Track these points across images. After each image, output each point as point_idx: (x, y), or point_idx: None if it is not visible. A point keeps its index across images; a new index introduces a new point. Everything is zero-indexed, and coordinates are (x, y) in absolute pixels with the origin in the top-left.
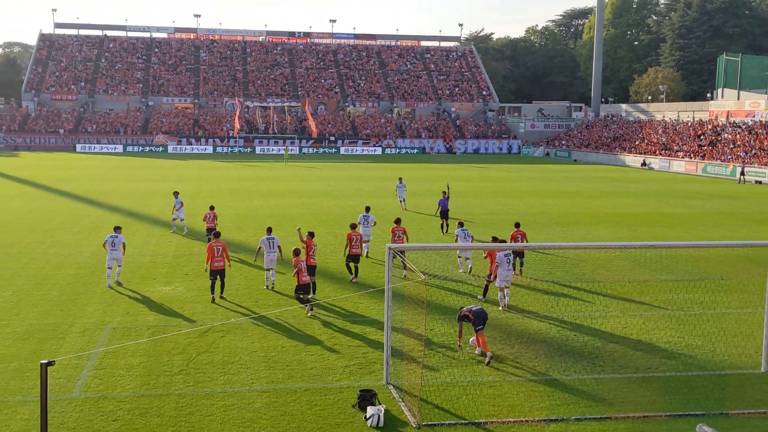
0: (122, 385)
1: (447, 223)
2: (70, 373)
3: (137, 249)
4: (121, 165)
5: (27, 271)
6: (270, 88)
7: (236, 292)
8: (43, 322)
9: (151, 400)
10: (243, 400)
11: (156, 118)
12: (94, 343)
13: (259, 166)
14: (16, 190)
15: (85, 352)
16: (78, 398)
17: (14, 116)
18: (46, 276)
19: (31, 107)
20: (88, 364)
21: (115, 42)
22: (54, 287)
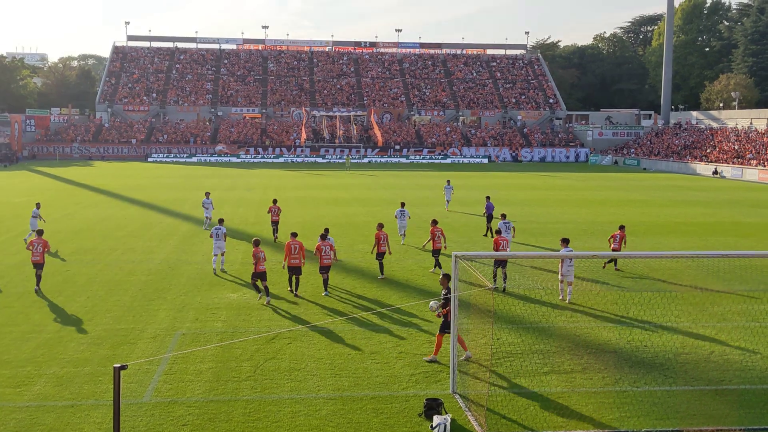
0: (192, 390)
1: (490, 227)
2: (141, 378)
3: (206, 256)
4: (191, 174)
5: (101, 278)
6: (336, 98)
7: (302, 300)
8: (116, 327)
9: (220, 405)
10: (309, 407)
11: (225, 128)
12: (164, 349)
13: (326, 175)
14: (90, 198)
15: (155, 357)
16: (149, 402)
17: (89, 127)
18: (118, 282)
19: (104, 118)
20: (158, 369)
21: (185, 54)
22: (126, 293)
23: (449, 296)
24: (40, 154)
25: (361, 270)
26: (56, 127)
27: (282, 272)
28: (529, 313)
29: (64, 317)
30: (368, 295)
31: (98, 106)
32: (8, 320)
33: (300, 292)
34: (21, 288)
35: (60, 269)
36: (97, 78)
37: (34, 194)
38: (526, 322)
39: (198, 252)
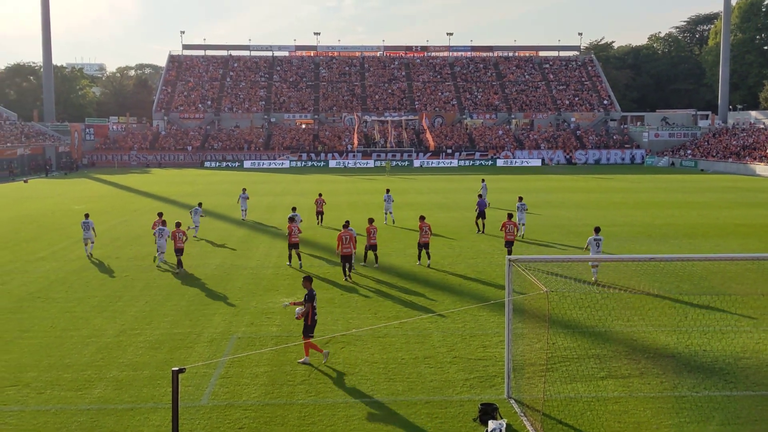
0: (247, 394)
1: (484, 222)
2: (198, 381)
3: (260, 261)
4: (245, 180)
5: (158, 283)
6: (387, 103)
7: (355, 304)
8: (173, 331)
9: (275, 409)
10: (364, 411)
11: (278, 134)
12: (220, 352)
13: (377, 180)
14: (147, 205)
15: (212, 360)
16: (206, 406)
17: (146, 135)
18: (175, 287)
19: (161, 126)
20: (215, 373)
21: (239, 61)
22: (183, 298)
23: (304, 299)
24: (99, 162)
25: (414, 274)
26: (114, 135)
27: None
28: (584, 318)
29: (124, 322)
30: (421, 299)
31: (155, 114)
32: (69, 325)
33: (350, 298)
34: (81, 293)
35: (119, 274)
36: (153, 87)
37: (94, 201)
38: (582, 327)
39: (252, 257)
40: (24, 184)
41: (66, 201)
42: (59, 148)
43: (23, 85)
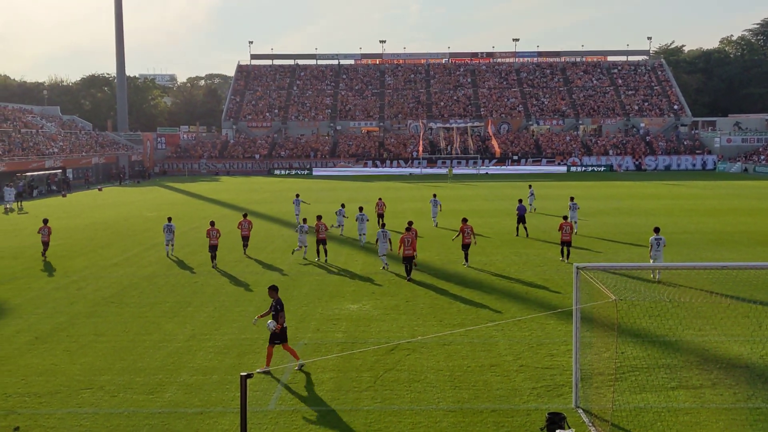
0: (314, 400)
1: (525, 227)
2: (266, 387)
3: (324, 270)
4: (311, 187)
5: (227, 289)
6: (453, 109)
7: (420, 311)
8: (241, 337)
9: (341, 414)
10: (430, 418)
11: (344, 141)
12: (287, 358)
13: (443, 187)
14: (217, 212)
15: (279, 366)
16: (273, 411)
17: (215, 143)
18: (243, 293)
19: (230, 135)
20: (282, 378)
21: (305, 70)
22: (251, 304)
23: (277, 308)
24: (170, 170)
25: (479, 282)
26: (185, 144)
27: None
28: (654, 327)
29: (193, 327)
30: (487, 307)
31: (224, 123)
32: (141, 329)
33: (416, 305)
34: (153, 298)
35: (189, 281)
36: (222, 96)
37: (165, 209)
38: (652, 336)
39: (317, 265)
40: (99, 192)
41: (139, 208)
42: (132, 157)
43: (98, 95)
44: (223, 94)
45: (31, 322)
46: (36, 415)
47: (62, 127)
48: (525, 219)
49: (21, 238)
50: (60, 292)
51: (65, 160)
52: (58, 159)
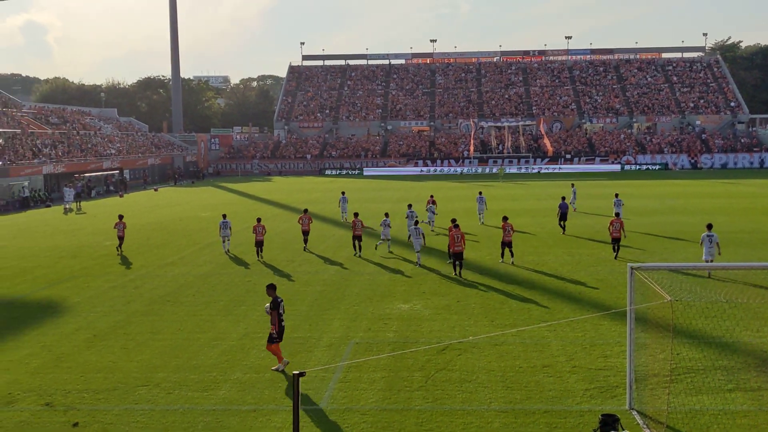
0: (365, 399)
1: (564, 224)
2: (318, 385)
3: (376, 267)
4: (362, 187)
5: (279, 288)
6: (504, 108)
7: (472, 311)
8: (294, 335)
9: (393, 414)
10: (481, 418)
11: (394, 141)
12: (339, 357)
13: (495, 186)
14: (269, 212)
15: (331, 365)
16: (325, 409)
17: (267, 144)
18: (296, 292)
19: (281, 135)
20: (334, 377)
21: (356, 70)
22: (303, 303)
23: (270, 306)
24: (223, 171)
25: (531, 281)
26: (238, 144)
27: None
28: (711, 328)
29: (247, 325)
30: (539, 307)
31: (276, 123)
32: (196, 328)
33: (467, 305)
34: (207, 297)
35: (242, 279)
36: (274, 97)
37: (218, 209)
38: (708, 337)
39: (369, 264)
40: (154, 193)
41: (193, 208)
42: (186, 158)
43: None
44: (275, 95)
45: (89, 320)
46: (94, 411)
47: (119, 128)
48: (566, 217)
49: (79, 238)
50: (117, 290)
51: (122, 161)
52: (116, 160)
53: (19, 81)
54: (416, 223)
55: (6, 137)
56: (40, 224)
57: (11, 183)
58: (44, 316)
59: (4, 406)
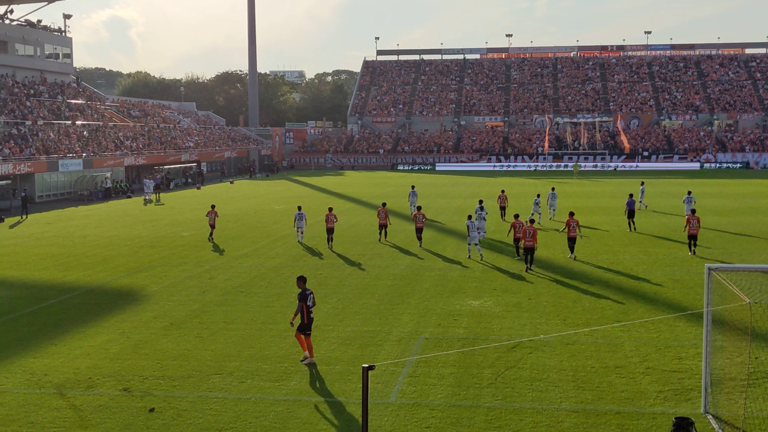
0: (434, 394)
1: (633, 221)
2: (387, 379)
3: (447, 263)
4: (433, 182)
5: (350, 281)
6: (580, 104)
7: (543, 309)
8: (363, 329)
9: (461, 410)
10: (551, 418)
11: (467, 136)
12: (408, 352)
13: (569, 183)
14: (341, 206)
15: (400, 359)
16: (394, 403)
17: (341, 138)
18: (366, 286)
19: (355, 129)
20: (403, 371)
21: (431, 65)
22: (373, 297)
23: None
24: (297, 165)
25: (605, 280)
26: (312, 139)
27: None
28: None
29: (317, 318)
30: (612, 307)
31: (349, 118)
32: (268, 319)
33: (539, 302)
34: (279, 289)
35: (314, 272)
36: (348, 92)
37: (292, 202)
38: None
39: (439, 259)
40: (230, 185)
41: (267, 201)
42: (262, 152)
43: (231, 92)
44: (349, 90)
45: (166, 308)
46: (169, 398)
47: (197, 122)
48: (634, 213)
49: (158, 228)
50: (193, 280)
51: (200, 154)
52: (194, 153)
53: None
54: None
55: (90, 130)
56: (121, 214)
57: (94, 174)
58: (124, 303)
59: (85, 390)
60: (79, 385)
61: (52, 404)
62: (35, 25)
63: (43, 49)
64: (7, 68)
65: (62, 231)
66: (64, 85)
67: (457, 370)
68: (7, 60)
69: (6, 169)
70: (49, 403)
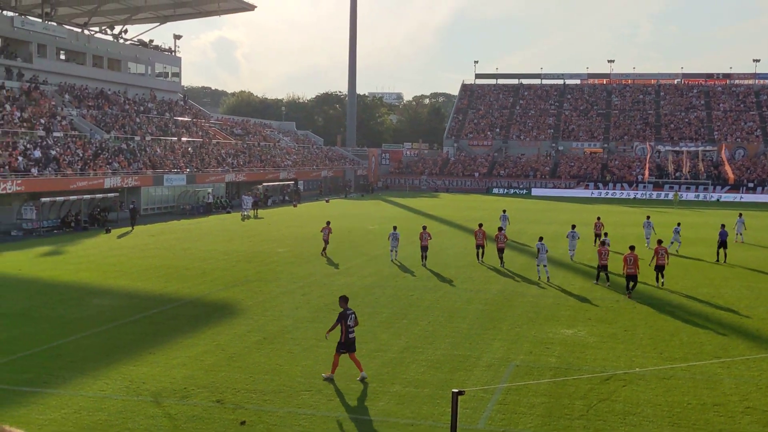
0: (524, 423)
1: (725, 252)
2: (476, 405)
3: (540, 290)
4: (528, 207)
5: (441, 304)
6: (683, 132)
7: (639, 341)
8: (453, 353)
9: None
10: None
11: (565, 162)
12: (498, 378)
13: (666, 212)
14: (436, 227)
15: (490, 386)
16: (483, 430)
17: (436, 160)
18: (457, 309)
19: (450, 152)
20: (492, 398)
21: (529, 90)
22: (464, 321)
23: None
24: (392, 185)
25: (705, 314)
26: (407, 160)
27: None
28: None
29: (408, 339)
30: (712, 342)
31: (445, 140)
32: (358, 338)
33: (635, 334)
34: (371, 308)
35: (405, 293)
36: (445, 114)
37: (385, 222)
38: None
39: (531, 286)
40: (326, 204)
41: (361, 221)
42: (357, 172)
43: (330, 112)
44: (446, 113)
45: (260, 323)
46: (260, 412)
47: (297, 141)
48: (726, 244)
49: (255, 244)
50: (287, 296)
51: (297, 172)
52: (292, 171)
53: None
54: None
55: (194, 146)
56: (220, 229)
57: (197, 189)
58: (220, 316)
59: (180, 400)
60: (175, 395)
61: (148, 412)
62: (147, 44)
63: (154, 68)
64: (119, 85)
65: (164, 243)
66: (172, 102)
67: (548, 400)
68: (120, 77)
69: (115, 182)
70: (146, 410)
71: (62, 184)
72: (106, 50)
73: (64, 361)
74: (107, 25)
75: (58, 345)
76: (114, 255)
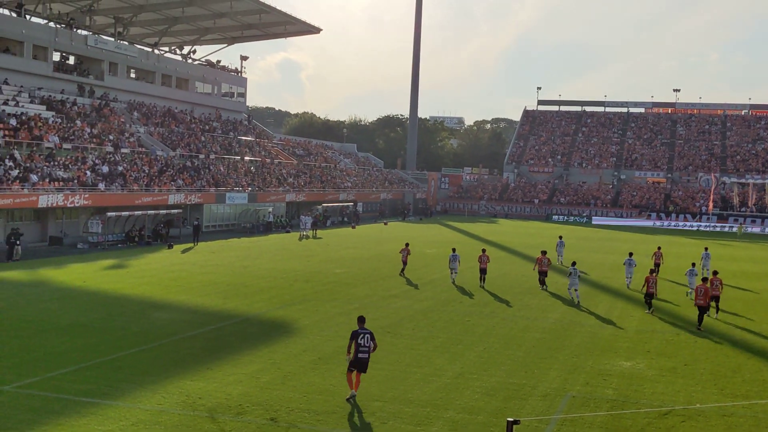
0: None
1: None
2: None
3: (599, 320)
4: (589, 236)
5: (497, 331)
6: (750, 164)
7: (700, 376)
8: (508, 381)
9: None
10: None
11: (627, 191)
12: (554, 409)
13: (730, 245)
14: (493, 254)
15: (545, 416)
16: None
17: (496, 186)
18: (513, 337)
19: (510, 178)
20: (547, 429)
21: (592, 117)
22: (520, 348)
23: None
24: (450, 210)
25: (764, 351)
26: (467, 185)
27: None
28: None
29: (462, 365)
30: None
31: (506, 166)
32: (413, 362)
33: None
34: (426, 332)
35: (461, 318)
36: (506, 140)
37: (443, 246)
38: None
39: (591, 316)
40: (384, 226)
41: (419, 244)
42: (417, 195)
43: (391, 135)
44: (507, 138)
45: (316, 342)
46: None
47: (357, 163)
48: None
49: (313, 264)
50: (343, 317)
51: (357, 194)
52: (351, 193)
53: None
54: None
55: (257, 165)
56: (279, 248)
57: (258, 208)
58: (276, 334)
59: (235, 416)
60: (230, 411)
61: (203, 427)
62: (215, 65)
63: (220, 88)
64: (186, 104)
65: (225, 260)
66: (237, 122)
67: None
68: (187, 96)
69: (179, 199)
70: (201, 425)
71: (128, 199)
72: (175, 69)
73: (123, 374)
74: (177, 45)
75: (119, 357)
76: (175, 270)
